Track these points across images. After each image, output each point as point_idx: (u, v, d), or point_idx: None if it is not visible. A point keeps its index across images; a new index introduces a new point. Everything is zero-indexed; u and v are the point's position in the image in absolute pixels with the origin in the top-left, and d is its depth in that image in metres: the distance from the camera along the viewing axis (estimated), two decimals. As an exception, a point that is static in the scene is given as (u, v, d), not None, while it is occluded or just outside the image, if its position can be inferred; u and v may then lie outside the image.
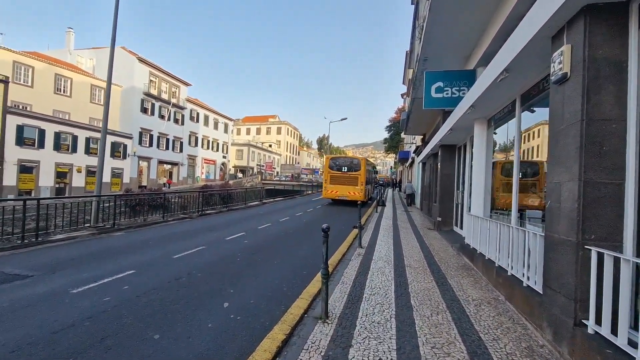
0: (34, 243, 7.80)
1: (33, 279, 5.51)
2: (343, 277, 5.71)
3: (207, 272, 6.07)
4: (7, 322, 3.93)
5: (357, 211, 17.24)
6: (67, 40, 34.84)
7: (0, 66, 24.29)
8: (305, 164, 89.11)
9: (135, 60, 34.01)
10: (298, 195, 30.91)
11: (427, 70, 8.17)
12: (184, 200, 15.42)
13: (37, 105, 26.16)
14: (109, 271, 5.94)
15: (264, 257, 7.33)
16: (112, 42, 10.76)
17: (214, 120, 48.51)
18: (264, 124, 78.51)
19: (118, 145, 30.96)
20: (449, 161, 10.87)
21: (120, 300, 4.62)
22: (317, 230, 11.24)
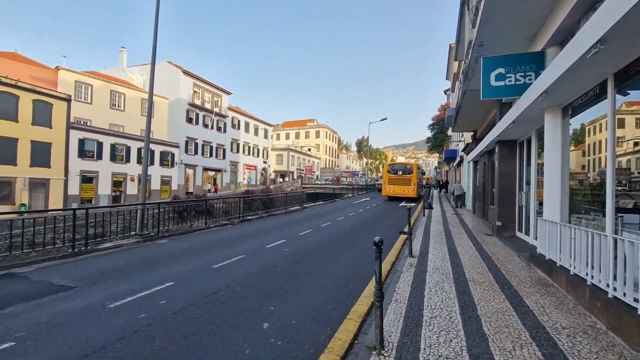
0: (83, 252, 7.98)
1: (75, 290, 5.45)
2: (396, 293, 5.01)
3: (246, 285, 5.67)
4: (41, 340, 3.74)
5: (402, 214, 16.54)
6: (121, 58, 37.47)
7: (64, 86, 26.57)
8: (345, 167, 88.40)
9: (180, 73, 35.65)
10: (338, 198, 30.31)
11: (485, 57, 7.21)
12: (227, 206, 15.49)
13: (96, 120, 28.24)
14: (148, 283, 5.75)
15: (305, 267, 6.81)
16: (152, 66, 10.98)
17: (254, 127, 49.59)
18: (303, 128, 79.08)
19: (166, 154, 32.52)
20: (509, 158, 9.66)
21: (155, 318, 4.32)
22: (361, 236, 10.55)
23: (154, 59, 11.02)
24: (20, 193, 21.67)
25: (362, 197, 31.15)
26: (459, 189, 21.43)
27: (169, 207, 12.24)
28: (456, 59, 15.66)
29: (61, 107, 23.87)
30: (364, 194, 36.01)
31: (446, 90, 38.19)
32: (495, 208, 10.21)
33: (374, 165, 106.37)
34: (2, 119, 20.83)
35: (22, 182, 21.75)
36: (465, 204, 21.22)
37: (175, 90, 35.09)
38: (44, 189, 22.97)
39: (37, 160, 22.49)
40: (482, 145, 11.28)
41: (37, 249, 7.67)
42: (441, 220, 13.68)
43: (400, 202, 24.99)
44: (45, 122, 22.95)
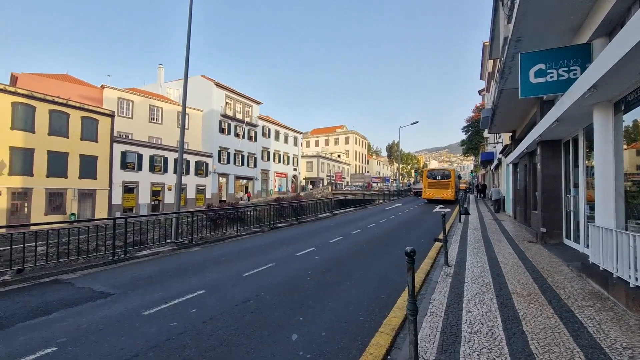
0: (122, 259, 8.34)
1: (113, 297, 5.65)
2: (431, 305, 4.73)
3: (275, 294, 5.61)
4: (80, 347, 3.87)
5: (435, 220, 15.90)
6: (159, 75, 39.66)
7: (108, 103, 28.48)
8: (375, 173, 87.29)
9: (213, 86, 37.06)
10: (369, 204, 29.83)
11: (523, 53, 6.77)
12: (258, 213, 15.70)
13: (136, 133, 29.95)
14: (180, 291, 5.86)
15: (336, 276, 6.66)
16: (185, 83, 11.43)
17: (284, 135, 50.36)
18: (332, 134, 79.24)
19: (201, 164, 33.76)
20: (552, 160, 8.99)
21: (186, 327, 4.35)
22: (393, 244, 10.23)
23: (186, 77, 11.47)
24: (71, 203, 23.31)
25: (393, 203, 30.47)
26: (497, 194, 20.35)
27: (203, 215, 12.58)
28: (491, 57, 14.97)
29: (106, 123, 25.55)
30: (396, 200, 35.23)
31: (480, 90, 36.72)
32: (538, 213, 9.51)
33: (405, 170, 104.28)
34: (55, 136, 22.64)
35: (72, 193, 23.41)
36: (504, 209, 20.10)
37: (208, 102, 36.49)
38: (91, 199, 24.57)
39: (85, 173, 24.15)
40: (522, 146, 10.61)
41: (82, 256, 8.11)
42: (479, 227, 12.99)
43: (436, 206, 25.07)
44: (92, 137, 24.66)
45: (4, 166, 20.17)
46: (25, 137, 21.23)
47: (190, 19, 11.33)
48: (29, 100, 21.50)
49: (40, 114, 22.01)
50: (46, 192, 22.16)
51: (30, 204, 21.38)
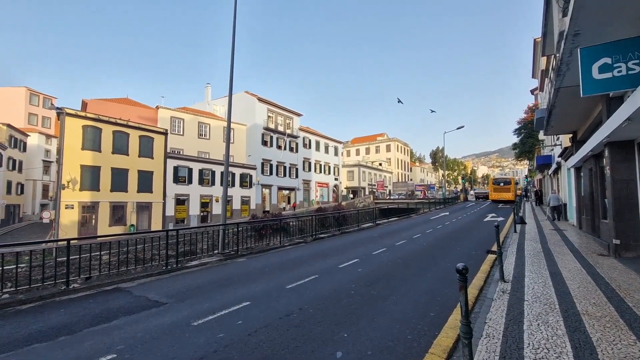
0: (174, 269, 8.78)
1: (166, 307, 5.93)
2: (487, 326, 4.34)
3: (318, 308, 5.53)
4: (135, 355, 4.07)
5: (487, 230, 14.87)
6: (206, 93, 42.17)
7: (162, 122, 30.76)
8: (419, 180, 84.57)
9: (255, 101, 38.54)
10: (414, 214, 28.81)
11: (583, 47, 6.16)
12: (301, 224, 15.82)
13: (187, 149, 31.93)
14: (227, 302, 5.99)
15: (380, 291, 6.42)
16: (229, 102, 11.97)
17: (324, 145, 50.76)
18: (373, 143, 78.39)
19: (245, 176, 35.03)
20: (624, 162, 8.01)
21: (232, 339, 4.41)
22: (442, 255, 9.70)
23: (230, 96, 12.03)
24: (130, 215, 25.28)
25: (440, 212, 29.16)
26: (556, 200, 18.62)
27: (247, 226, 12.93)
28: (544, 54, 13.88)
29: (160, 140, 27.55)
30: (442, 209, 33.69)
31: (533, 89, 34.26)
32: (610, 222, 8.49)
33: (451, 177, 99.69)
34: (117, 154, 24.84)
35: (132, 206, 25.39)
36: (565, 217, 18.32)
37: (252, 116, 37.97)
38: (148, 211, 26.45)
39: (143, 187, 26.11)
40: (585, 148, 9.63)
41: (140, 266, 8.67)
42: (537, 237, 11.92)
43: (488, 215, 23.74)
44: (148, 153, 26.69)
45: (76, 182, 22.46)
46: (93, 156, 23.53)
47: (233, 44, 11.90)
48: (96, 123, 23.88)
49: (105, 135, 24.32)
50: (110, 205, 24.26)
51: (97, 217, 23.52)
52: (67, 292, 6.96)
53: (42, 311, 5.95)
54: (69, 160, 22.33)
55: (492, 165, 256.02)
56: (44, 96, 51.27)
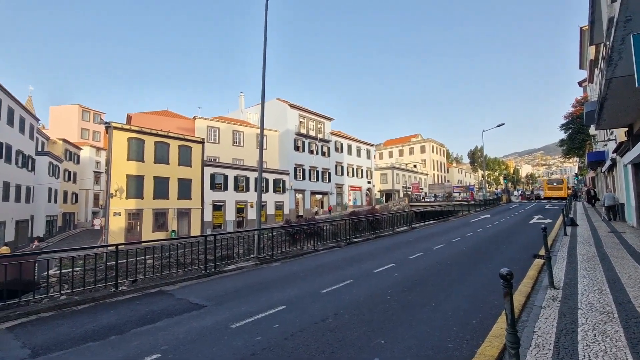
0: (213, 273, 9.07)
1: (206, 309, 6.12)
2: (536, 335, 4.04)
3: (354, 313, 5.44)
4: (177, 355, 4.21)
5: (533, 233, 13.92)
6: (240, 102, 43.60)
7: (199, 131, 32.17)
8: (457, 181, 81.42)
9: (287, 107, 39.22)
10: (452, 216, 27.73)
11: (635, 33, 5.63)
12: (334, 228, 15.78)
13: (222, 157, 33.12)
14: (263, 306, 6.06)
15: (418, 296, 6.21)
16: (262, 110, 12.26)
17: (356, 149, 50.48)
18: (406, 144, 76.72)
19: (278, 181, 35.64)
20: (692, 156, 7.20)
21: (269, 342, 4.45)
22: (483, 260, 9.24)
23: (262, 106, 12.32)
24: (171, 221, 26.57)
25: (480, 215, 27.86)
26: (611, 199, 17.11)
27: (281, 231, 13.11)
28: (592, 43, 12.90)
29: (197, 149, 28.81)
30: (483, 211, 32.14)
31: (581, 82, 31.93)
32: (676, 224, 7.65)
33: (492, 177, 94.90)
34: (159, 163, 26.29)
35: (173, 213, 26.69)
36: (622, 217, 16.77)
37: (283, 122, 38.67)
38: (187, 217, 27.67)
39: (182, 194, 27.38)
40: (643, 142, 8.77)
41: (181, 269, 9.06)
42: (591, 240, 11.01)
43: (534, 216, 22.19)
44: (187, 162, 27.99)
45: (123, 191, 24.02)
46: (137, 166, 25.07)
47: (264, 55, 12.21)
48: (139, 135, 25.46)
49: (148, 146, 25.84)
50: (153, 212, 25.66)
51: (141, 223, 24.96)
52: (116, 294, 7.40)
53: (94, 312, 6.36)
54: (116, 171, 23.95)
55: (536, 163, 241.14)
56: (94, 112, 55.60)
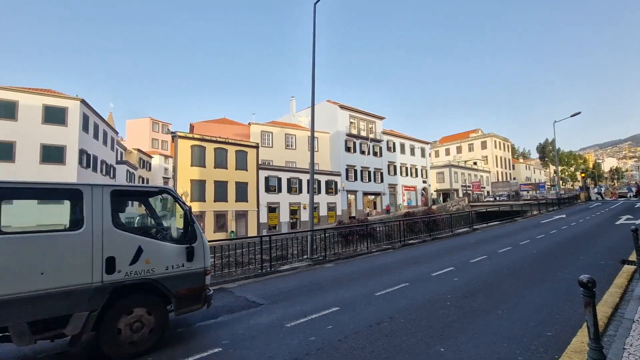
0: (268, 272, 9.36)
1: (262, 307, 6.31)
2: (627, 352, 3.47)
3: (410, 318, 5.19)
4: (237, 350, 4.39)
5: (618, 235, 12.15)
6: (291, 106, 44.78)
7: (254, 136, 33.65)
8: (524, 179, 74.62)
9: (337, 108, 39.32)
10: (519, 217, 25.44)
11: None
12: (388, 229, 15.39)
13: (275, 160, 34.25)
14: (317, 306, 6.07)
15: (482, 303, 5.73)
16: (312, 113, 12.40)
17: (410, 147, 48.84)
18: (465, 140, 72.30)
19: (330, 182, 35.83)
20: None
21: (324, 343, 4.42)
22: (557, 266, 8.28)
23: (313, 108, 12.47)
24: (230, 222, 28.11)
25: (553, 215, 25.15)
26: None
27: (334, 232, 13.10)
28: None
29: (252, 153, 30.15)
30: (556, 211, 29.00)
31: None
32: None
33: (567, 173, 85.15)
34: (218, 168, 28.01)
35: (231, 214, 28.23)
36: None
37: (334, 124, 38.83)
38: (244, 219, 29.06)
39: (240, 197, 28.84)
40: None
41: (239, 268, 9.49)
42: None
43: (620, 217, 19.46)
44: (243, 166, 29.44)
45: (187, 195, 25.99)
46: (199, 171, 26.98)
47: (313, 59, 12.37)
48: (201, 143, 27.39)
49: (209, 152, 27.69)
50: (214, 214, 27.38)
51: (204, 224, 26.76)
52: (182, 290, 7.97)
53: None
54: (181, 176, 26.02)
55: (623, 156, 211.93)
56: (162, 123, 61.27)
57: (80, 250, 4.09)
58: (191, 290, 4.88)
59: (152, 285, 4.58)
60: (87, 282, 4.08)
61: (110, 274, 4.22)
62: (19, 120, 23.34)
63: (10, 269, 3.69)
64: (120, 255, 4.32)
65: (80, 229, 4.15)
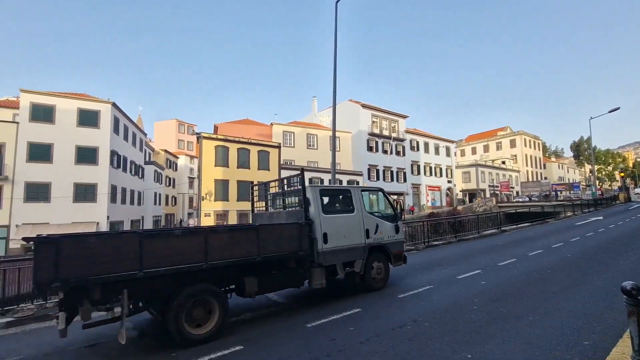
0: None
1: (282, 307, 6.34)
2: (680, 369, 3.15)
3: (435, 321, 5.01)
4: (256, 349, 4.38)
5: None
6: (313, 106, 44.83)
7: (276, 136, 33.96)
8: (557, 178, 71.15)
9: (359, 108, 39.01)
10: (551, 218, 24.20)
11: None
12: (412, 230, 15.04)
13: (297, 159, 34.38)
14: (337, 308, 6.00)
15: (511, 308, 5.45)
16: (333, 113, 12.31)
17: (434, 146, 47.72)
18: (492, 139, 69.79)
19: (352, 182, 35.55)
20: None
21: (345, 344, 4.35)
22: (595, 271, 7.78)
23: (334, 110, 12.37)
24: (254, 222, 28.46)
25: (589, 217, 23.76)
26: None
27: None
28: None
29: (274, 153, 30.43)
30: (592, 212, 27.39)
31: None
32: None
33: (604, 173, 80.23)
34: (241, 168, 28.46)
35: (255, 214, 28.58)
36: None
37: (356, 123, 38.55)
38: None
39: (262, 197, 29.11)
40: None
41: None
42: None
43: None
44: (265, 166, 29.77)
45: (212, 194, 26.58)
46: (223, 171, 27.52)
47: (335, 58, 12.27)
48: (224, 143, 27.94)
49: (232, 152, 28.20)
50: (237, 214, 27.83)
51: (227, 223, 27.26)
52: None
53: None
54: (206, 176, 26.63)
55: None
56: (187, 124, 63.07)
57: (357, 224, 6.93)
58: (398, 252, 7.66)
59: (383, 247, 7.34)
60: (361, 243, 6.90)
61: (368, 239, 7.04)
62: (56, 123, 24.66)
63: (335, 234, 6.45)
64: (370, 228, 7.13)
65: (354, 213, 6.97)
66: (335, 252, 6.41)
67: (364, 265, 6.84)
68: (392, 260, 7.44)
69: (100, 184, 25.70)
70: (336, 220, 6.63)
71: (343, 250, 6.53)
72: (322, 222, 6.32)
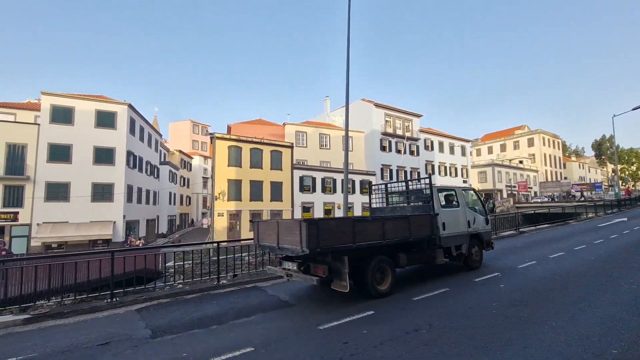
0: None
1: (294, 308, 6.21)
2: None
3: (451, 326, 4.82)
4: (269, 351, 4.30)
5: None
6: (325, 106, 44.77)
7: (288, 136, 34.04)
8: (578, 178, 68.94)
9: (372, 107, 38.71)
10: (572, 219, 23.32)
11: None
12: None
13: (310, 160, 34.37)
14: (351, 310, 5.86)
15: (532, 312, 5.20)
16: (346, 112, 12.16)
17: (449, 145, 46.93)
18: (509, 138, 68.14)
19: (365, 182, 35.27)
20: None
21: (358, 348, 4.21)
22: (622, 274, 7.40)
23: (347, 109, 12.22)
24: (267, 222, 28.57)
25: (612, 218, 22.82)
26: None
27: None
28: None
29: (287, 153, 30.48)
30: (616, 213, 26.32)
31: None
32: None
33: (627, 173, 77.07)
34: (254, 168, 28.61)
35: (266, 214, 28.70)
36: None
37: (369, 123, 38.26)
38: (279, 218, 29.40)
39: (274, 196, 29.26)
40: None
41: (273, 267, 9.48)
42: None
43: None
44: (278, 166, 29.85)
45: (225, 194, 26.80)
46: (236, 171, 27.73)
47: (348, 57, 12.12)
48: (237, 143, 28.15)
49: (245, 153, 28.38)
50: (250, 213, 27.99)
51: (240, 222, 27.47)
52: (218, 287, 8.09)
53: (200, 302, 7.02)
54: (219, 176, 26.88)
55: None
56: (202, 125, 63.90)
57: (462, 216, 8.58)
58: (488, 239, 9.40)
59: (478, 235, 8.94)
60: (465, 231, 8.55)
61: (469, 228, 8.65)
62: (75, 124, 25.34)
63: (450, 224, 8.09)
64: (470, 220, 8.73)
65: (459, 207, 8.66)
66: (451, 237, 8.05)
67: (468, 248, 8.49)
68: (484, 246, 9.13)
69: (117, 184, 26.28)
70: (449, 213, 8.26)
71: (455, 236, 8.21)
72: (442, 214, 7.96)
